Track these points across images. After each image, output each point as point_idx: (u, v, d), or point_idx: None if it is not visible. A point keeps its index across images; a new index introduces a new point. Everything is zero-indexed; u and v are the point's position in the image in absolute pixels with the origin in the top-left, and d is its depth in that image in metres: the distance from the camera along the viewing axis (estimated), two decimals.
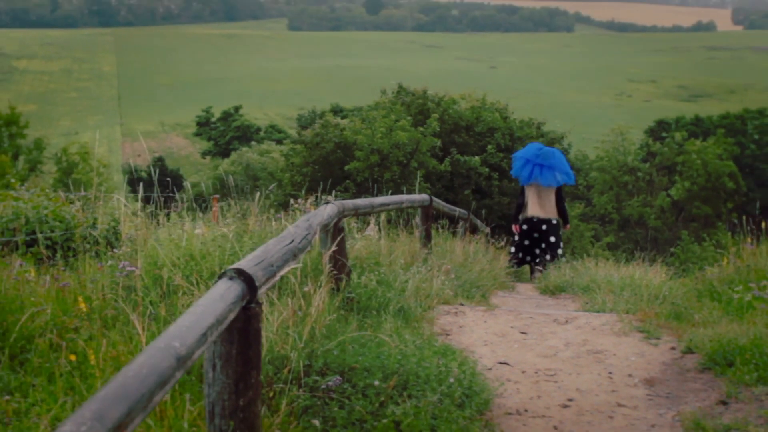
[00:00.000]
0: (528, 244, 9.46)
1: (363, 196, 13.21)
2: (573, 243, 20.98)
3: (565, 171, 9.44)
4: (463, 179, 16.47)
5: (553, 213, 9.40)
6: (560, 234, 9.52)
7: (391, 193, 9.36)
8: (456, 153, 16.55)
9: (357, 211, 5.50)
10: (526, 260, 9.51)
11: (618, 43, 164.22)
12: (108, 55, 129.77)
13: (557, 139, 19.41)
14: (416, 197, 7.63)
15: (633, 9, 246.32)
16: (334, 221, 4.64)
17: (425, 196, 7.84)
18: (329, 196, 5.91)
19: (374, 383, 3.29)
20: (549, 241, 9.36)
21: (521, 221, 9.47)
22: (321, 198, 6.08)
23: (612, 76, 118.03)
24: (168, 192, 5.56)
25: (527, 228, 9.43)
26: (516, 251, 9.55)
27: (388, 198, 6.86)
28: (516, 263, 9.52)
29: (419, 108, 17.65)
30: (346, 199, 5.64)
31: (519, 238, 9.51)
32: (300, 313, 3.70)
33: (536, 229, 9.39)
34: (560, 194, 9.47)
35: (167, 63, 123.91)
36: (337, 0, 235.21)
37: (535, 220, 9.39)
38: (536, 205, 9.35)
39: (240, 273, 2.57)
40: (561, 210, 9.46)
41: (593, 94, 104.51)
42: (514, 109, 19.31)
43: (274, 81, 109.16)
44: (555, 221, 9.44)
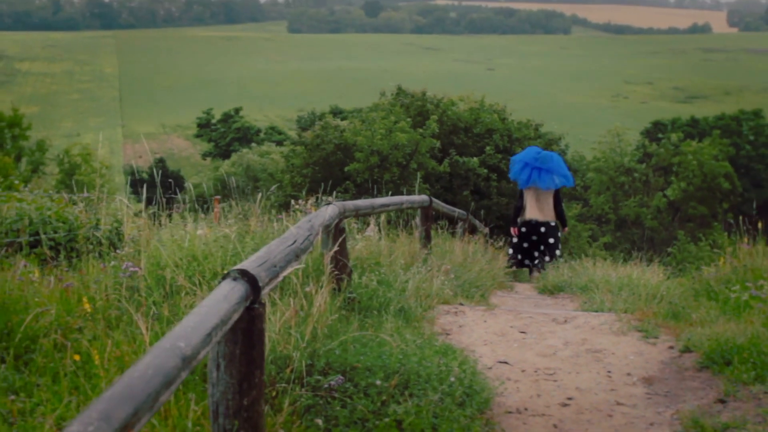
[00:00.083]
0: (527, 247, 9.50)
1: (363, 197, 13.25)
2: (570, 243, 21.01)
3: (563, 174, 9.49)
4: (462, 180, 16.51)
5: (552, 216, 9.47)
6: (559, 236, 9.58)
7: (391, 194, 9.39)
8: (455, 154, 16.58)
9: (358, 212, 5.53)
10: (525, 263, 9.55)
11: (614, 45, 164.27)
12: (109, 58, 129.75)
13: (555, 141, 19.47)
14: (416, 198, 7.66)
15: (629, 11, 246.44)
16: (336, 222, 4.66)
17: (425, 197, 7.87)
18: (330, 197, 5.93)
19: (376, 382, 3.31)
20: (548, 243, 9.42)
21: (520, 224, 9.53)
22: (322, 199, 6.11)
23: (609, 78, 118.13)
24: (170, 193, 5.59)
25: (526, 231, 9.48)
26: (515, 253, 9.59)
27: (389, 199, 6.89)
28: (515, 265, 9.55)
29: (418, 109, 17.69)
30: (347, 200, 5.67)
31: (518, 241, 9.55)
32: (302, 313, 3.72)
33: (535, 232, 9.44)
34: (558, 197, 9.54)
35: (168, 65, 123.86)
36: (337, 2, 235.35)
37: (534, 223, 9.44)
38: (535, 208, 9.41)
39: (244, 274, 2.57)
40: (559, 213, 9.52)
41: (590, 96, 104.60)
42: (512, 111, 19.34)
43: (274, 83, 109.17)
44: (553, 223, 9.50)
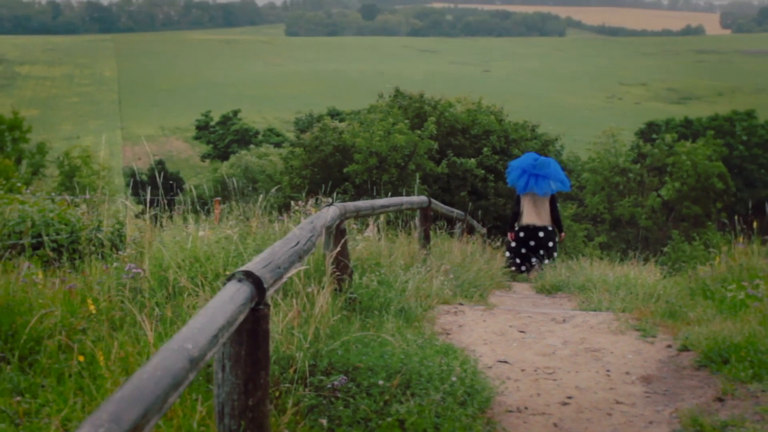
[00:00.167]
0: (525, 252, 9.58)
1: (363, 198, 13.29)
2: (566, 243, 21.10)
3: (560, 179, 9.63)
4: (460, 181, 16.55)
5: (549, 220, 9.59)
6: (556, 240, 9.67)
7: (390, 195, 9.42)
8: (452, 155, 16.62)
9: (359, 213, 5.56)
10: (522, 270, 9.61)
11: (609, 47, 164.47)
12: (109, 61, 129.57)
13: (551, 142, 19.52)
14: (415, 199, 7.70)
15: (623, 13, 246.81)
16: (337, 223, 4.69)
17: (424, 198, 7.90)
18: (330, 198, 5.96)
19: (378, 382, 3.33)
20: (547, 247, 9.55)
21: (517, 229, 9.61)
22: (321, 200, 6.14)
23: (603, 80, 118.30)
24: (171, 195, 5.61)
25: (524, 236, 9.57)
26: (513, 257, 9.66)
27: (389, 200, 6.92)
28: (514, 269, 9.61)
29: (416, 111, 17.72)
30: (347, 202, 5.70)
31: (516, 246, 9.63)
32: (304, 314, 3.74)
33: (533, 237, 9.54)
34: (554, 203, 9.65)
35: (167, 68, 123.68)
36: (334, 6, 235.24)
37: (532, 228, 9.54)
38: (532, 214, 9.52)
39: (248, 275, 2.59)
40: (555, 218, 9.61)
41: (585, 97, 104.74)
42: (509, 112, 19.40)
43: (272, 85, 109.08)
44: (551, 228, 9.62)
